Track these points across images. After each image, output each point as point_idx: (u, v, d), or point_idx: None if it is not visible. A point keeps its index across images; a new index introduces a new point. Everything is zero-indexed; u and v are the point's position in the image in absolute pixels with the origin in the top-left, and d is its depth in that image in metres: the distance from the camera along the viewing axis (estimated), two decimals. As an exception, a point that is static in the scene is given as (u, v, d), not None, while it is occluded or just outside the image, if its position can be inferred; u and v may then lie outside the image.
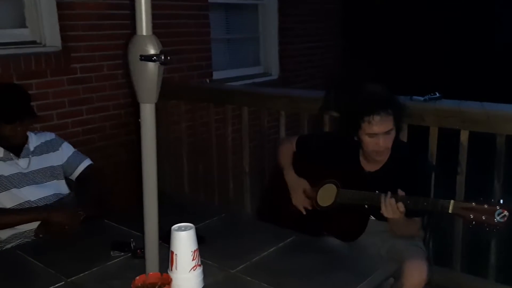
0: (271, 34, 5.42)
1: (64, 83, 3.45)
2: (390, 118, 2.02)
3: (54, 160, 2.40)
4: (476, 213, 1.71)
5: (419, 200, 1.87)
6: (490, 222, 1.68)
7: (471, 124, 2.43)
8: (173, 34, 4.14)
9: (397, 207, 1.88)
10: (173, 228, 1.36)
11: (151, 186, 1.33)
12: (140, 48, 1.21)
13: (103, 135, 3.74)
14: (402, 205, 1.88)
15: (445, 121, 2.51)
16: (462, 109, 2.44)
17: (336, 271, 1.52)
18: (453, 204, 1.78)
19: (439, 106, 2.52)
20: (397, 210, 1.88)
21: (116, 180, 3.71)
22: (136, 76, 1.23)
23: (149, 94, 1.25)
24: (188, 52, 4.31)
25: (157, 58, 1.19)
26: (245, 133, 3.46)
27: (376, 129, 2.00)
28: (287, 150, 2.39)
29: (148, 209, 1.36)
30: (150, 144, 1.30)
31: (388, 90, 2.08)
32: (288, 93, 3.22)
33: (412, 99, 2.65)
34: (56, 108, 3.43)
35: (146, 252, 1.40)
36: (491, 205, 1.70)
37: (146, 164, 1.31)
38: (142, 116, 1.28)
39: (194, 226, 1.38)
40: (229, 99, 3.51)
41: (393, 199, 1.89)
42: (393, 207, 1.87)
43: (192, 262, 1.36)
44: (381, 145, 2.03)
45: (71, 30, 3.47)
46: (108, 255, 1.61)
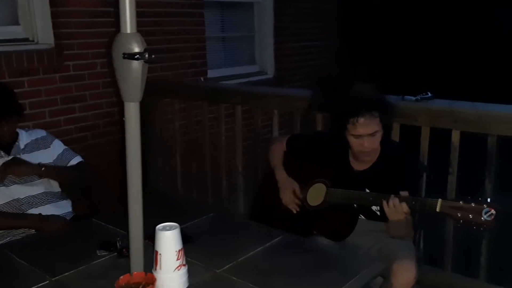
0: (267, 32, 5.41)
1: (56, 81, 3.44)
2: (375, 120, 2.01)
3: (44, 157, 2.39)
4: (464, 212, 1.71)
5: (407, 199, 1.86)
6: (477, 221, 1.68)
7: (463, 124, 2.43)
8: (167, 32, 4.13)
9: (401, 207, 1.87)
10: (157, 228, 1.36)
11: (136, 185, 1.32)
12: (123, 46, 1.20)
13: (96, 133, 3.73)
14: (406, 205, 1.87)
15: (437, 121, 2.50)
16: (454, 109, 2.44)
17: (323, 271, 1.51)
18: (440, 203, 1.78)
19: (431, 106, 2.52)
20: (402, 211, 1.87)
21: (109, 178, 3.70)
22: (120, 74, 1.23)
23: (133, 93, 1.24)
24: (183, 50, 4.30)
25: (141, 56, 1.18)
26: (239, 132, 3.45)
27: (360, 131, 2.00)
28: (278, 150, 2.38)
29: (132, 208, 1.35)
30: (135, 143, 1.29)
31: (376, 91, 2.07)
32: (281, 92, 3.21)
33: (404, 99, 2.65)
34: (48, 106, 3.42)
35: (131, 252, 1.39)
36: (478, 204, 1.69)
37: (130, 163, 1.30)
38: (126, 115, 1.27)
39: (179, 225, 1.38)
40: (223, 97, 3.50)
41: (396, 199, 1.88)
42: (397, 208, 1.86)
43: (177, 262, 1.35)
44: (366, 146, 2.02)
45: (64, 28, 3.45)
46: (94, 254, 1.60)
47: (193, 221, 1.85)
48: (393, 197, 1.88)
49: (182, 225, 1.77)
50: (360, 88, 2.11)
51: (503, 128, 2.32)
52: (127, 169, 1.32)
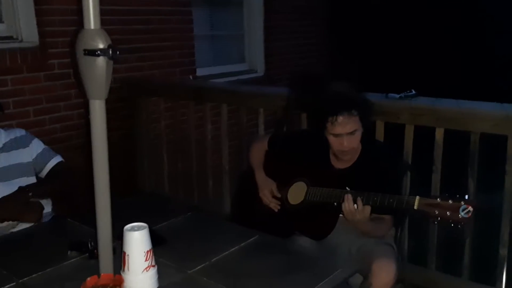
0: (256, 31, 5.38)
1: (41, 79, 3.41)
2: (354, 118, 1.99)
3: (23, 156, 2.36)
4: (441, 209, 1.69)
5: (385, 197, 1.85)
6: (455, 218, 1.67)
7: (445, 122, 2.42)
8: (154, 30, 4.10)
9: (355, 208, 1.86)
10: (125, 228, 1.33)
11: (103, 185, 1.30)
12: (86, 43, 1.17)
13: (81, 132, 3.69)
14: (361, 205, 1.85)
15: (419, 119, 2.50)
16: (436, 107, 2.43)
17: (296, 272, 1.49)
18: (418, 200, 1.77)
19: (413, 104, 2.51)
20: (355, 212, 1.86)
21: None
22: (83, 71, 1.20)
23: (98, 90, 1.22)
24: (170, 48, 4.27)
25: (103, 53, 1.16)
26: (224, 131, 3.43)
27: (339, 130, 1.98)
28: (259, 149, 2.36)
29: (100, 209, 1.33)
30: (101, 142, 1.27)
31: (354, 89, 2.06)
32: (266, 91, 3.20)
33: (388, 97, 2.64)
34: (33, 105, 3.39)
35: (100, 253, 1.37)
36: (455, 201, 1.68)
37: (97, 163, 1.28)
38: (91, 114, 1.25)
39: (147, 226, 1.35)
40: (209, 96, 3.49)
41: (351, 199, 1.87)
42: (351, 208, 1.85)
43: (145, 263, 1.33)
44: (345, 145, 2.01)
45: (49, 26, 3.42)
46: (65, 255, 1.57)
47: (168, 221, 1.83)
48: (349, 196, 1.87)
49: (157, 226, 1.78)
50: (339, 86, 2.10)
51: (485, 126, 2.32)
52: (94, 169, 1.30)
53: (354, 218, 1.88)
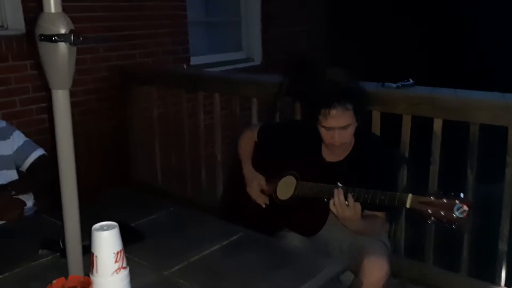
0: (254, 18, 5.25)
1: (27, 68, 3.31)
2: (348, 112, 1.88)
3: (3, 149, 2.27)
4: (435, 208, 1.59)
5: (376, 194, 1.75)
6: (449, 218, 1.57)
7: (443, 112, 2.32)
8: (146, 17, 3.99)
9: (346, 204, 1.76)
10: (93, 228, 1.24)
11: (69, 181, 1.21)
12: (46, 28, 1.07)
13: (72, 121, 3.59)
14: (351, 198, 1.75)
15: (416, 109, 2.39)
16: (434, 96, 2.32)
17: (281, 271, 1.40)
18: (411, 198, 1.66)
19: (410, 93, 2.41)
20: (346, 208, 1.76)
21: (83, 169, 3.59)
22: (44, 58, 1.10)
23: (60, 79, 1.12)
24: (163, 35, 4.16)
25: (62, 39, 1.05)
26: (217, 121, 3.34)
27: (331, 123, 1.87)
28: (248, 141, 2.26)
29: (67, 205, 1.23)
30: (65, 136, 1.17)
31: (350, 79, 1.94)
32: (259, 79, 3.08)
33: (384, 86, 2.54)
34: (19, 94, 3.29)
35: (68, 253, 1.28)
36: (450, 200, 1.58)
37: (62, 156, 1.19)
38: (54, 105, 1.15)
39: (117, 224, 1.26)
40: (201, 85, 3.38)
41: (341, 194, 1.77)
42: (341, 202, 1.76)
43: (115, 265, 1.23)
44: (336, 139, 1.90)
45: (35, 12, 3.29)
46: (36, 254, 1.49)
47: (150, 216, 1.74)
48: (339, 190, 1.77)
49: (137, 221, 1.69)
50: (334, 74, 1.98)
51: (485, 116, 2.22)
52: (59, 163, 1.20)
53: (344, 215, 1.78)
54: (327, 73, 1.96)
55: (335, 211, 1.79)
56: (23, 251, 1.52)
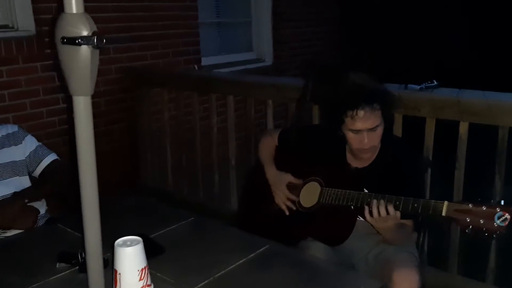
0: (264, 18, 5.18)
1: (37, 70, 3.24)
2: (376, 113, 1.80)
3: (16, 154, 2.20)
4: (473, 217, 1.50)
5: (409, 201, 1.66)
6: (490, 227, 1.48)
7: (470, 116, 2.23)
8: (157, 18, 3.92)
9: (387, 212, 1.67)
10: (116, 243, 1.16)
11: (90, 190, 1.13)
12: (66, 30, 0.99)
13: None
14: (392, 208, 1.67)
15: (441, 112, 2.30)
16: (460, 99, 2.23)
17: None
18: (447, 206, 1.57)
19: (435, 96, 2.31)
20: (387, 217, 1.67)
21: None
22: (65, 63, 1.03)
23: (82, 85, 1.05)
24: (174, 37, 4.09)
25: (86, 41, 0.98)
26: (231, 124, 3.26)
27: (360, 125, 1.79)
28: (269, 145, 2.18)
29: (88, 219, 1.15)
30: (87, 144, 1.10)
31: (376, 80, 1.86)
32: (275, 81, 3.00)
33: (407, 88, 2.45)
34: (29, 97, 3.23)
35: (89, 269, 1.20)
36: (490, 207, 1.49)
37: (83, 166, 1.11)
38: (75, 112, 1.07)
39: (142, 240, 1.18)
40: (214, 87, 3.31)
41: (383, 204, 1.68)
42: (382, 214, 1.67)
43: (139, 283, 1.16)
44: (366, 142, 1.81)
45: (46, 13, 3.24)
46: (53, 267, 1.41)
47: (169, 227, 1.66)
48: (380, 200, 1.68)
49: (156, 233, 1.61)
50: (358, 77, 1.90)
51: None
52: (80, 175, 1.13)
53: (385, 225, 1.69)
54: (351, 76, 1.87)
55: (373, 222, 1.70)
56: (39, 264, 1.44)
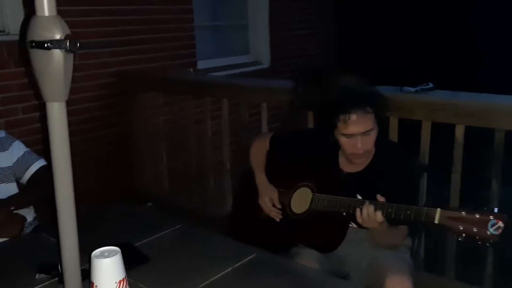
0: (261, 21, 5.14)
1: (28, 75, 3.20)
2: (369, 116, 1.76)
3: (2, 161, 2.16)
4: (467, 224, 1.46)
5: (401, 208, 1.62)
6: (483, 235, 1.44)
7: (466, 118, 2.18)
8: (151, 21, 3.88)
9: (375, 216, 1.64)
10: (93, 255, 1.12)
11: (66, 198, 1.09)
12: (36, 33, 0.95)
13: (73, 130, 3.46)
14: (380, 214, 1.63)
15: (436, 115, 2.26)
16: (455, 101, 2.19)
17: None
18: (439, 213, 1.53)
19: (430, 98, 2.27)
20: (375, 220, 1.64)
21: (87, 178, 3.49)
22: (37, 67, 0.99)
23: (55, 90, 1.01)
24: (169, 40, 4.05)
25: (57, 45, 0.94)
26: (226, 128, 3.22)
27: (353, 130, 1.75)
28: (260, 150, 2.14)
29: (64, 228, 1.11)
30: (62, 153, 1.05)
31: (368, 84, 1.82)
32: (269, 84, 2.96)
33: (403, 90, 2.41)
34: (21, 102, 3.19)
35: (65, 282, 1.16)
36: (483, 215, 1.44)
37: (58, 174, 1.07)
38: (49, 119, 1.03)
39: (120, 250, 1.14)
40: (208, 91, 3.27)
41: (371, 207, 1.65)
42: (370, 216, 1.63)
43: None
44: (360, 147, 1.77)
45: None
46: (33, 278, 1.37)
47: (156, 235, 1.61)
48: (367, 203, 1.65)
49: (142, 241, 1.57)
50: (350, 80, 1.86)
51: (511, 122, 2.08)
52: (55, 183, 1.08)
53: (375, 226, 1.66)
54: (342, 80, 1.83)
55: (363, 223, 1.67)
56: (19, 274, 1.40)
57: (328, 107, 1.80)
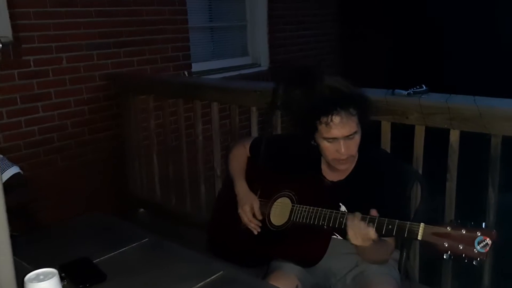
0: (260, 21, 5.04)
1: (14, 77, 3.13)
2: (353, 118, 1.64)
3: (-26, 168, 2.08)
4: (452, 241, 1.33)
5: (383, 222, 1.49)
6: (469, 253, 1.31)
7: (461, 123, 2.05)
8: (144, 22, 3.80)
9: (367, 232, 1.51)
10: (26, 278, 1.02)
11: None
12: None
13: (63, 134, 3.41)
14: (372, 231, 1.50)
15: (430, 119, 2.13)
16: (450, 105, 2.05)
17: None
18: (423, 229, 1.40)
19: (422, 102, 2.14)
20: (367, 236, 1.51)
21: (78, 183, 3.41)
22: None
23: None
24: (162, 42, 3.96)
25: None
26: (216, 132, 3.12)
27: (335, 133, 1.63)
28: (240, 156, 2.02)
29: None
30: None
31: (350, 85, 1.70)
32: (258, 86, 2.84)
33: (395, 93, 2.28)
34: (6, 106, 3.11)
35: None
36: (470, 231, 1.32)
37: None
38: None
39: (56, 272, 1.04)
40: (198, 94, 3.16)
41: (362, 222, 1.52)
42: (362, 232, 1.50)
43: (54, 322, 1.01)
44: (343, 152, 1.65)
45: (23, 19, 3.13)
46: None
47: (119, 249, 1.51)
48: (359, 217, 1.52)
49: (103, 257, 1.46)
50: (333, 80, 1.73)
51: (509, 128, 1.94)
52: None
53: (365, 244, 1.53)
54: (325, 80, 1.71)
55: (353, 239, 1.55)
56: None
57: (309, 108, 1.68)
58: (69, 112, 3.42)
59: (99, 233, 1.69)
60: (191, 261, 1.46)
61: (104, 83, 3.59)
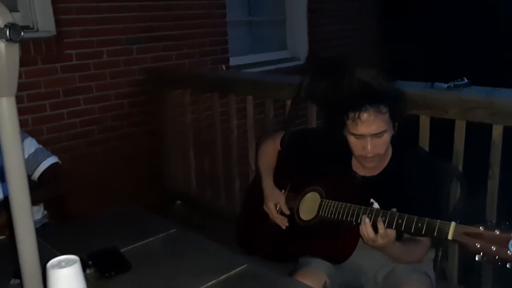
0: (300, 15, 4.99)
1: (57, 71, 3.21)
2: (382, 116, 1.57)
3: (13, 157, 2.15)
4: (484, 242, 1.25)
5: (412, 220, 1.43)
6: (502, 255, 1.23)
7: (503, 118, 1.95)
8: (182, 17, 3.82)
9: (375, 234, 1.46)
10: (49, 265, 1.03)
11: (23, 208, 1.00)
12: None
13: (104, 127, 3.49)
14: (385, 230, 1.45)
15: (470, 114, 2.03)
16: (492, 99, 1.96)
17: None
18: (454, 228, 1.33)
19: (463, 95, 2.05)
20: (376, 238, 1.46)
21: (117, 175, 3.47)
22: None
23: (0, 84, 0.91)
24: (200, 36, 3.97)
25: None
26: (251, 126, 3.10)
27: (362, 130, 1.57)
28: (270, 150, 1.99)
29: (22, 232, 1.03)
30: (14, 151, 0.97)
31: (383, 80, 1.63)
32: (294, 80, 2.79)
33: (434, 86, 2.19)
34: (49, 98, 3.20)
35: None
36: (504, 232, 1.24)
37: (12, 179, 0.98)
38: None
39: (78, 259, 1.04)
40: (233, 88, 3.15)
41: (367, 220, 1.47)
42: (367, 232, 1.45)
43: (75, 309, 1.02)
44: (369, 150, 1.59)
45: (65, 14, 3.21)
46: (6, 283, 1.31)
47: (146, 239, 1.52)
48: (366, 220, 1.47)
49: (128, 246, 1.48)
50: (365, 73, 1.67)
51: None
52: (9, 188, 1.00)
53: (375, 244, 1.48)
54: (356, 72, 1.65)
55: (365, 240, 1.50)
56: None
57: (337, 102, 1.63)
58: (109, 106, 3.49)
59: (129, 224, 1.71)
60: (215, 254, 1.44)
61: (142, 77, 3.64)
